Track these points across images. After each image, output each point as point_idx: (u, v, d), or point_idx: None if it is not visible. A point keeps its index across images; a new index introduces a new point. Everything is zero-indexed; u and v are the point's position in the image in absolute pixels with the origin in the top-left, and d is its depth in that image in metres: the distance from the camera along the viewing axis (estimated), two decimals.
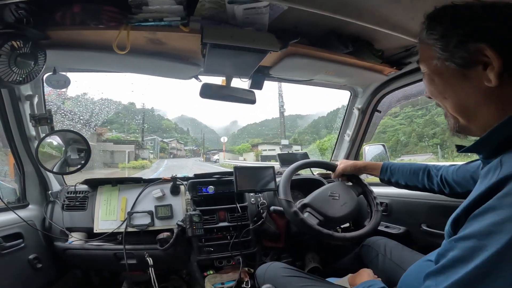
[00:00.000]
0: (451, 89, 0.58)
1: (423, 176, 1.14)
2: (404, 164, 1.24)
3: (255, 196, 1.68)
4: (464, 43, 0.54)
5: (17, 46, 0.92)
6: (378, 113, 1.91)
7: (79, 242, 1.45)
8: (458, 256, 0.45)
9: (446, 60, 0.56)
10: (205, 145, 52.49)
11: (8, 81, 0.97)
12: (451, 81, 0.58)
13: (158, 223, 1.50)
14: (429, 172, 1.13)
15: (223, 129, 67.20)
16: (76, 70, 1.44)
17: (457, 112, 0.59)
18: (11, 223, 1.27)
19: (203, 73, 1.50)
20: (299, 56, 1.35)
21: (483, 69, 0.52)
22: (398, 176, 1.22)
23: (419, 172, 1.16)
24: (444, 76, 0.59)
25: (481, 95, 0.54)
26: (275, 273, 1.15)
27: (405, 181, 1.20)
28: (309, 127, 50.33)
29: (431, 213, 1.38)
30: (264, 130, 70.76)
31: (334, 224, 1.29)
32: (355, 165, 1.39)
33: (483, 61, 0.52)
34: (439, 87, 0.61)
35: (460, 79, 0.56)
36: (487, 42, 0.51)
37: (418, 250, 1.19)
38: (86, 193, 1.59)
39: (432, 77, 0.61)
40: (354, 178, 1.43)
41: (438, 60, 0.58)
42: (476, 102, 0.55)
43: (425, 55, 0.62)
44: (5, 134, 1.36)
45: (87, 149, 1.44)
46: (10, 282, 1.20)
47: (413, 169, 1.18)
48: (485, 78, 0.52)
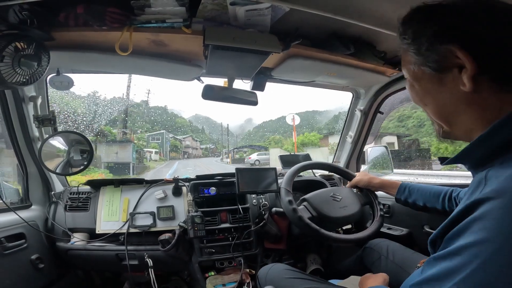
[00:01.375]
0: (430, 95, 0.56)
1: (443, 198, 1.11)
2: (424, 186, 1.22)
3: (257, 197, 1.68)
4: (434, 45, 0.51)
5: (21, 47, 0.92)
6: (381, 114, 1.91)
7: (81, 242, 1.46)
8: (434, 274, 0.44)
9: (422, 65, 0.54)
10: (223, 143, 48.47)
11: (12, 82, 0.98)
12: (428, 86, 0.55)
13: (160, 224, 1.51)
14: (450, 195, 1.10)
15: (238, 128, 65.82)
16: (79, 71, 1.45)
17: (438, 118, 0.57)
18: (14, 223, 1.28)
19: (205, 75, 1.50)
20: (301, 58, 1.35)
21: (459, 72, 0.49)
22: (416, 197, 1.20)
23: (440, 194, 1.13)
24: (422, 82, 0.56)
25: (459, 100, 0.51)
26: (277, 274, 1.15)
27: (424, 202, 1.17)
28: (330, 122, 48.57)
29: (433, 215, 1.37)
30: (280, 127, 70.06)
31: (331, 224, 1.29)
32: (371, 181, 1.38)
33: (458, 64, 0.49)
34: (418, 93, 0.58)
35: (437, 84, 0.53)
36: (457, 42, 0.48)
37: (421, 252, 1.19)
38: (88, 194, 1.60)
39: (412, 83, 0.59)
40: (368, 192, 1.42)
41: (414, 65, 0.56)
42: (455, 107, 0.53)
43: (404, 61, 0.59)
44: (8, 135, 1.37)
45: (90, 150, 1.45)
46: (12, 282, 1.20)
47: (434, 191, 1.16)
48: (460, 82, 0.49)
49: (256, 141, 56.58)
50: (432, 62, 0.51)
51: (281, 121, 77.78)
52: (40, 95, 1.41)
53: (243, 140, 64.64)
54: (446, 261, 0.42)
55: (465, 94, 0.49)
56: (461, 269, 0.39)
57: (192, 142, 42.84)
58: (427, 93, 0.56)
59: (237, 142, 46.76)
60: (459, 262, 0.40)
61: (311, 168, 1.47)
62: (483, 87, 0.48)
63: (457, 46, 0.47)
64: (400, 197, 1.25)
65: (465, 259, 0.39)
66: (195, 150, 42.06)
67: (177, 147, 34.66)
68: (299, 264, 1.70)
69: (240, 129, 68.84)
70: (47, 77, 1.38)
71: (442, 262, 0.43)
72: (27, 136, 1.42)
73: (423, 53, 0.52)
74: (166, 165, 23.47)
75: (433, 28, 0.51)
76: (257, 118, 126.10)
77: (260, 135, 66.26)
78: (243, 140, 63.01)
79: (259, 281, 1.22)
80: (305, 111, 76.96)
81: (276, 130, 67.34)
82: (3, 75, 0.92)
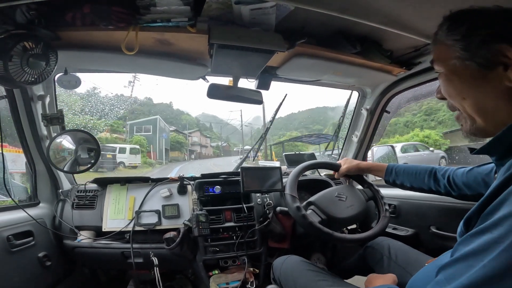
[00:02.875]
0: (471, 89, 0.59)
1: (429, 178, 1.14)
2: (409, 166, 1.24)
3: (262, 196, 1.68)
4: (486, 44, 0.55)
5: (29, 47, 0.93)
6: (387, 113, 1.89)
7: (88, 240, 1.47)
8: (471, 250, 0.44)
9: (467, 60, 0.57)
10: (230, 141, 44.35)
11: (21, 81, 0.99)
12: (471, 81, 0.58)
13: (165, 222, 1.52)
14: (435, 174, 1.13)
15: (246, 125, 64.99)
16: (86, 71, 1.47)
17: (476, 112, 0.59)
18: (22, 221, 1.30)
19: (210, 74, 1.50)
20: (307, 57, 1.34)
21: (504, 70, 0.53)
22: (403, 178, 1.23)
23: (424, 174, 1.16)
24: (464, 76, 0.59)
25: (501, 95, 0.55)
26: (292, 265, 1.16)
27: (410, 183, 1.20)
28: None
29: (440, 215, 1.36)
30: (289, 124, 68.94)
31: (339, 225, 1.28)
32: (359, 166, 1.39)
33: (504, 62, 0.53)
34: (457, 87, 0.61)
35: (480, 80, 0.57)
36: (508, 43, 0.52)
37: (426, 253, 1.17)
38: (95, 192, 1.61)
39: (450, 77, 0.62)
40: (359, 179, 1.43)
41: (458, 59, 0.59)
42: (496, 102, 0.56)
43: (442, 55, 0.62)
44: (17, 134, 1.39)
45: (97, 149, 1.46)
46: (20, 280, 1.21)
47: (418, 171, 1.18)
48: (505, 79, 0.53)
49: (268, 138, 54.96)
50: (480, 58, 0.55)
51: (291, 118, 76.91)
52: (48, 94, 1.42)
53: (251, 138, 63.85)
54: (486, 235, 0.43)
55: (508, 89, 0.53)
56: (503, 239, 0.40)
57: (201, 138, 35.95)
58: (468, 87, 0.59)
59: (244, 141, 45.39)
60: (501, 233, 0.41)
61: (304, 171, 1.44)
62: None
63: (508, 46, 0.52)
64: (388, 179, 1.28)
65: (508, 228, 0.40)
66: (205, 149, 36.26)
67: (181, 144, 27.00)
68: None
69: (248, 127, 67.86)
70: (55, 76, 1.39)
71: (481, 237, 0.44)
72: (35, 135, 1.44)
73: (473, 50, 0.56)
74: (159, 172, 15.60)
75: (487, 28, 0.55)
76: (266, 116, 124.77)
77: (271, 133, 65.35)
78: (252, 139, 62.29)
79: (273, 271, 1.23)
80: (316, 107, 76.03)
81: (286, 127, 66.56)
82: (12, 74, 0.93)
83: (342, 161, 1.46)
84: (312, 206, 1.26)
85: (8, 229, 1.21)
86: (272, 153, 18.01)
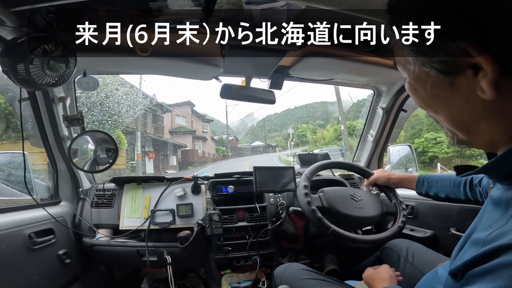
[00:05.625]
0: (440, 101, 0.45)
1: (464, 187, 1.08)
2: (443, 176, 1.18)
3: (275, 196, 1.67)
4: (439, 42, 0.40)
5: (49, 50, 0.97)
6: (404, 112, 1.84)
7: (105, 238, 1.50)
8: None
9: (424, 66, 0.44)
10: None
11: (42, 84, 1.03)
12: (437, 91, 0.44)
13: (179, 221, 1.54)
14: (471, 183, 1.06)
15: (240, 123, 61.80)
16: (104, 73, 1.52)
17: (453, 126, 0.47)
18: (44, 219, 1.33)
19: (223, 74, 1.52)
20: (319, 56, 1.33)
21: (473, 74, 0.39)
22: (437, 189, 1.17)
23: (460, 183, 1.09)
24: (427, 85, 0.45)
25: (476, 107, 0.41)
26: (293, 274, 1.14)
27: (445, 193, 1.15)
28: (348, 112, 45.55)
29: (460, 216, 1.30)
30: (289, 119, 67.46)
31: (337, 219, 1.26)
32: (389, 177, 1.35)
33: (472, 64, 0.38)
34: (424, 98, 0.47)
35: (446, 89, 0.43)
36: (470, 38, 0.37)
37: (446, 255, 1.13)
38: (113, 191, 1.65)
39: (415, 86, 0.48)
40: (387, 190, 1.40)
41: (414, 65, 0.45)
42: (473, 115, 0.43)
43: (401, 59, 0.48)
44: (40, 134, 1.44)
45: (115, 149, 1.50)
46: (39, 277, 1.23)
47: (453, 181, 1.12)
48: (477, 87, 0.39)
49: (263, 136, 53.03)
50: (438, 62, 0.41)
51: (289, 114, 75.29)
52: (69, 96, 1.47)
53: (247, 136, 62.30)
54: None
55: (484, 101, 0.39)
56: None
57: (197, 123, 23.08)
58: (436, 99, 0.46)
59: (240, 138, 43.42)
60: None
61: (332, 167, 1.45)
62: (506, 92, 0.38)
63: (469, 43, 0.37)
64: (420, 190, 1.22)
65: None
66: (204, 143, 23.60)
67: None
68: (316, 264, 1.68)
69: (242, 125, 66.08)
70: (75, 79, 1.44)
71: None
72: (57, 136, 1.48)
73: (425, 51, 0.42)
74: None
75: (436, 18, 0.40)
76: (259, 113, 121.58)
77: (269, 129, 62.38)
78: (248, 136, 60.79)
79: (274, 280, 1.21)
80: (313, 102, 74.31)
81: (285, 122, 65.02)
82: (33, 77, 0.98)
83: (376, 171, 1.44)
84: (321, 193, 1.28)
85: (30, 227, 1.24)
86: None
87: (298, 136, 35.46)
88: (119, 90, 10.95)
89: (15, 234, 1.17)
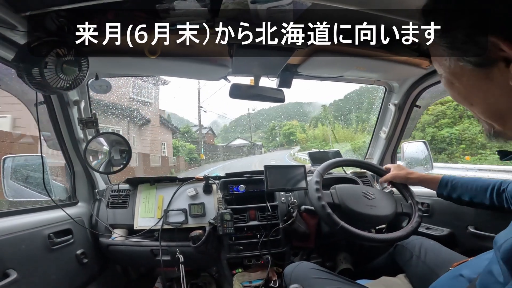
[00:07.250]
0: (476, 93, 0.48)
1: (491, 192, 1.04)
2: (469, 179, 1.14)
3: (286, 195, 1.67)
4: (471, 37, 0.43)
5: (61, 54, 1.00)
6: (418, 108, 1.79)
7: (121, 238, 1.53)
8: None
9: (459, 60, 0.47)
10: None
11: (57, 87, 1.05)
12: (473, 84, 0.47)
13: (191, 221, 1.55)
14: (499, 188, 1.02)
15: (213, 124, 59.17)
16: (115, 75, 1.55)
17: (489, 118, 0.50)
18: (63, 219, 1.37)
19: (232, 74, 1.52)
20: (327, 53, 1.31)
21: (505, 66, 0.42)
22: (461, 192, 1.13)
23: (487, 188, 1.05)
24: (463, 79, 0.48)
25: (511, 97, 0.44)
26: (303, 273, 1.13)
27: (470, 197, 1.10)
28: (322, 112, 41.96)
29: (479, 214, 1.26)
30: (264, 119, 65.22)
31: (347, 214, 1.23)
32: (408, 176, 1.30)
33: (503, 57, 0.41)
34: (461, 91, 0.51)
35: (483, 81, 0.46)
36: (500, 33, 0.40)
37: (464, 254, 1.09)
38: (127, 191, 1.68)
39: (451, 81, 0.51)
40: (403, 189, 1.35)
41: (450, 60, 0.48)
42: (508, 105, 0.45)
43: (435, 55, 0.52)
44: (56, 137, 1.48)
45: (128, 150, 1.52)
46: (57, 277, 1.26)
47: (481, 185, 1.08)
48: (510, 78, 0.42)
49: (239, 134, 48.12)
50: (473, 56, 0.44)
51: (265, 114, 73.06)
52: (83, 99, 1.50)
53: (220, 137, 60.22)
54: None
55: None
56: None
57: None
58: (472, 91, 0.49)
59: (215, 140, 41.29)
60: None
61: (346, 164, 1.43)
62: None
63: (500, 38, 0.40)
64: (442, 192, 1.18)
65: None
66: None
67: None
68: (328, 263, 1.66)
69: (215, 125, 64.09)
70: (88, 82, 1.47)
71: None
72: (73, 138, 1.52)
73: (459, 47, 0.46)
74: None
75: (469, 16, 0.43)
76: (232, 113, 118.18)
77: (242, 129, 59.34)
78: (222, 138, 58.87)
79: (284, 279, 1.20)
80: (288, 102, 72.82)
81: (260, 123, 62.76)
82: (48, 81, 1.01)
83: (391, 166, 1.39)
84: (333, 190, 1.26)
85: (49, 227, 1.27)
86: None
87: (284, 134, 32.87)
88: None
89: (35, 234, 1.20)
